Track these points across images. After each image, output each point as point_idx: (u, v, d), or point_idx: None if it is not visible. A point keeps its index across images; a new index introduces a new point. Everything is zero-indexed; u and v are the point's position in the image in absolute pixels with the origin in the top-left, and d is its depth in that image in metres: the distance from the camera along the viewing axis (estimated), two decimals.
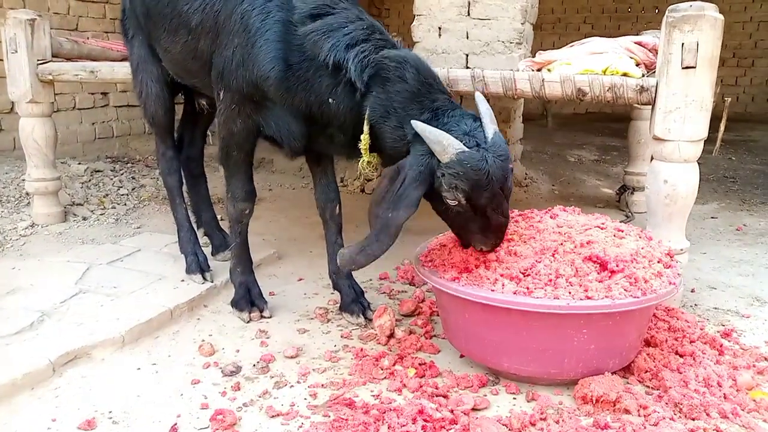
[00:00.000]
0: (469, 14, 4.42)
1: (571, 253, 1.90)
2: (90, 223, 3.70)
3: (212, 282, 2.72)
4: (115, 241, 3.38)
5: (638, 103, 2.51)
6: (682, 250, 2.46)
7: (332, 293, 2.63)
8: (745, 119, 8.80)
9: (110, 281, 2.75)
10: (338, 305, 2.53)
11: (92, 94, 5.67)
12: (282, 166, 5.33)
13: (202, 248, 2.89)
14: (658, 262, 1.92)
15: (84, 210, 3.86)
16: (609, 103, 2.50)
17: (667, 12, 2.33)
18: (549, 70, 2.63)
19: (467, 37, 4.45)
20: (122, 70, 3.17)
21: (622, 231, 2.06)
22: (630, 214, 4.09)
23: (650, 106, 2.44)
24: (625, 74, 2.44)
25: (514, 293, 1.78)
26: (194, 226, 2.99)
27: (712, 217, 4.02)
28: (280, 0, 2.10)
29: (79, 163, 4.99)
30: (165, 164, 2.82)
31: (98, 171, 4.93)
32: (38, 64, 3.38)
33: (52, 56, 3.50)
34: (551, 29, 10.36)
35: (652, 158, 2.48)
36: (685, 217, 2.46)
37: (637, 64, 2.55)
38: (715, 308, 2.55)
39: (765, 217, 4.03)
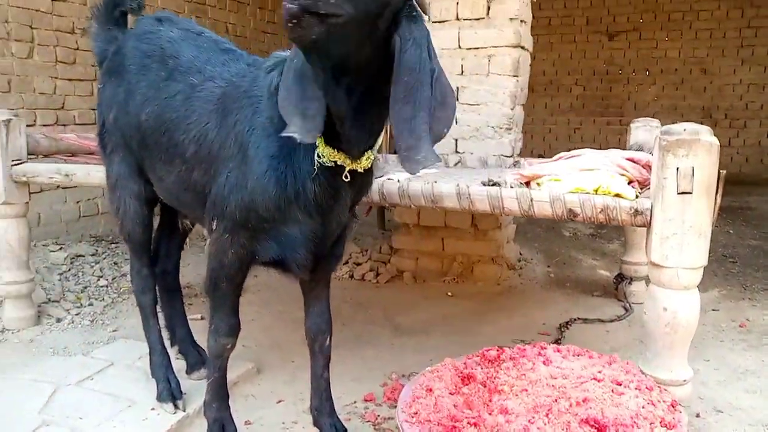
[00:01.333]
0: (457, 99, 4.37)
1: (566, 413, 1.75)
2: (63, 327, 3.53)
3: (185, 411, 2.54)
4: (88, 351, 3.21)
5: (633, 225, 2.39)
6: (684, 381, 2.30)
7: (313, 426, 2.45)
8: (740, 181, 8.75)
9: (77, 409, 2.57)
10: None
11: None
12: None
13: (176, 367, 2.73)
14: (661, 424, 1.76)
15: (59, 310, 3.70)
16: (602, 223, 2.38)
17: (659, 134, 2.23)
18: (538, 184, 2.53)
19: (456, 122, 4.38)
20: (98, 175, 3.05)
21: (620, 384, 1.90)
22: (629, 306, 3.94)
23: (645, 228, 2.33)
24: (617, 195, 2.32)
25: None
26: (167, 343, 2.82)
27: (713, 309, 3.87)
28: (268, 103, 1.93)
29: (60, 249, 4.86)
30: (139, 282, 2.68)
31: (79, 256, 4.80)
32: (12, 165, 3.28)
33: (29, 154, 3.41)
34: (543, 91, 10.42)
35: (648, 280, 2.35)
36: (687, 345, 2.30)
37: (630, 182, 2.45)
38: None
39: None
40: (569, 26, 10.35)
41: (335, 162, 1.84)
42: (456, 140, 4.40)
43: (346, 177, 1.90)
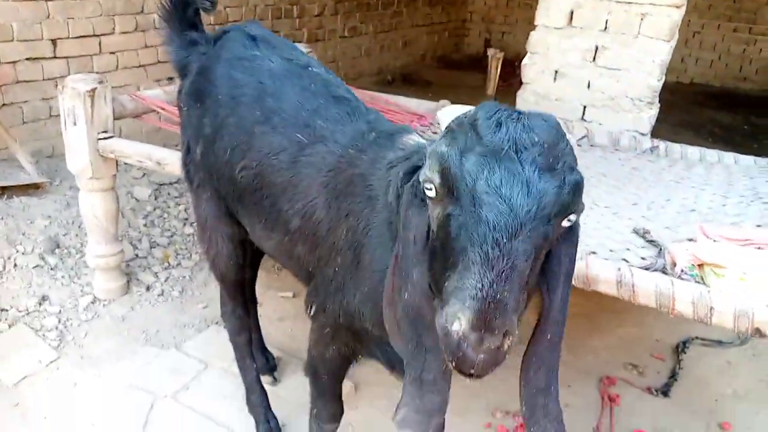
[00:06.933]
0: (594, 60, 3.72)
1: None
2: (153, 299, 3.41)
3: None
4: (180, 341, 3.10)
5: None
6: None
7: None
8: None
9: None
10: None
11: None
12: None
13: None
14: None
15: (148, 275, 3.57)
16: None
17: None
18: (716, 274, 2.07)
19: (588, 87, 3.78)
20: None
21: None
22: None
23: None
24: None
25: None
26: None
27: None
28: (386, 201, 1.58)
29: (144, 175, 4.67)
30: (233, 324, 2.50)
31: (163, 185, 4.62)
32: (99, 139, 2.98)
33: (116, 118, 3.09)
34: None
35: None
36: None
37: None
38: None
39: None
40: None
41: None
42: (584, 107, 3.81)
43: None
